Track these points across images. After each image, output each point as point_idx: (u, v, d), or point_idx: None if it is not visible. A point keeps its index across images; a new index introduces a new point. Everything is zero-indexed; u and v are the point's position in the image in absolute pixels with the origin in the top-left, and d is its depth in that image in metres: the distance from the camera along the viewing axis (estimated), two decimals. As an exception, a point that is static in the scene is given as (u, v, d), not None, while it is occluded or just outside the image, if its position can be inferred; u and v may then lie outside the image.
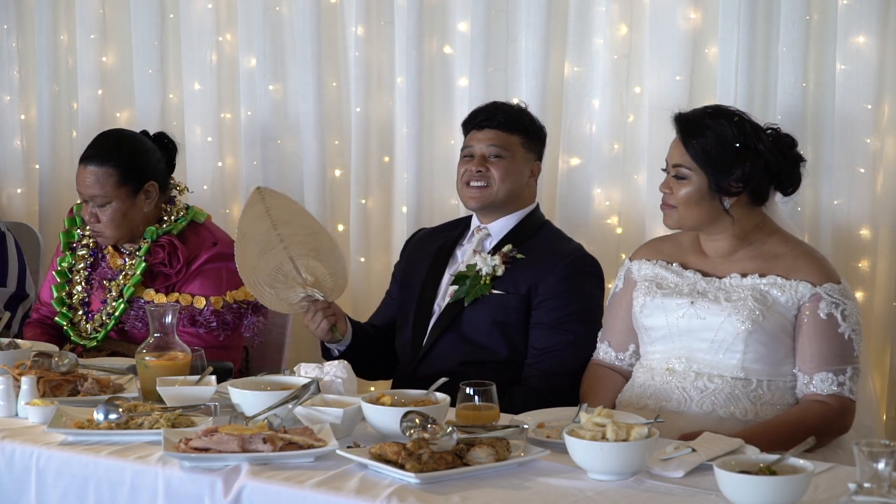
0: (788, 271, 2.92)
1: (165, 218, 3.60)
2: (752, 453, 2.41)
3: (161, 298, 3.51)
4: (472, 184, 3.36)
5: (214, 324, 3.51)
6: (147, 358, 2.89)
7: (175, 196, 3.67)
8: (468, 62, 4.06)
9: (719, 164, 2.91)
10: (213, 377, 2.87)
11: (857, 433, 2.97)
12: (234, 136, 4.59)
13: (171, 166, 3.68)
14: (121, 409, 2.66)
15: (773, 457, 2.22)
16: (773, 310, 2.89)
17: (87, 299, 3.62)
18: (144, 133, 3.69)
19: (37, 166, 4.92)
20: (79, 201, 3.64)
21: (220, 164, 4.61)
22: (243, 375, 3.55)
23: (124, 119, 4.76)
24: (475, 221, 3.45)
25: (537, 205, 3.46)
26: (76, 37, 4.75)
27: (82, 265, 3.65)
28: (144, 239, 3.56)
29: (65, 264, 3.66)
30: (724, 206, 2.94)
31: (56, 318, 3.65)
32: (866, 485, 2.01)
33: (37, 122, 4.88)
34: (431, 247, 3.50)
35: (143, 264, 3.53)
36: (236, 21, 4.52)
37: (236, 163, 4.61)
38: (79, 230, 3.68)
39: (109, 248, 3.61)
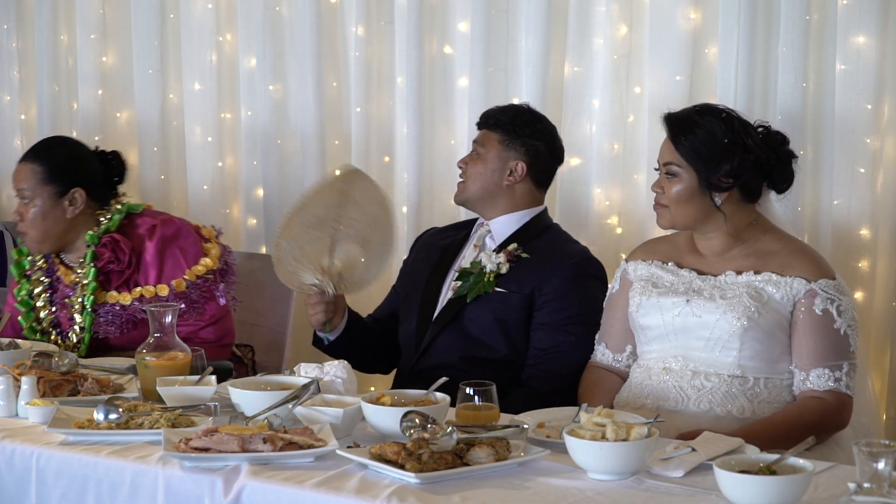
0: (783, 268, 2.92)
1: (103, 220, 3.59)
2: (752, 453, 2.41)
3: (125, 297, 3.51)
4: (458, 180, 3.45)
5: (183, 306, 3.46)
6: (147, 358, 2.89)
7: (112, 201, 3.64)
8: (468, 62, 4.07)
9: (709, 160, 2.92)
10: (213, 377, 2.87)
11: (856, 432, 2.97)
12: (234, 136, 4.59)
13: (113, 183, 3.66)
14: (121, 409, 2.65)
15: (773, 456, 2.22)
16: (768, 307, 2.89)
17: (56, 321, 3.61)
18: (97, 149, 3.70)
19: (37, 166, 4.92)
20: None
21: (220, 164, 4.62)
22: (251, 374, 3.56)
23: (124, 119, 4.77)
24: (480, 218, 3.47)
25: (545, 208, 3.46)
26: (76, 37, 4.75)
27: (40, 289, 3.63)
28: (88, 246, 3.55)
29: (23, 293, 3.65)
30: (715, 203, 2.94)
31: None
32: (866, 485, 2.01)
33: (37, 122, 4.88)
34: (441, 244, 3.52)
35: (93, 269, 3.53)
36: (236, 21, 4.52)
37: (236, 163, 4.61)
38: (29, 258, 3.67)
39: (61, 267, 3.62)
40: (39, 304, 3.62)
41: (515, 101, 3.83)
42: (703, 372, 2.92)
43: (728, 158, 2.91)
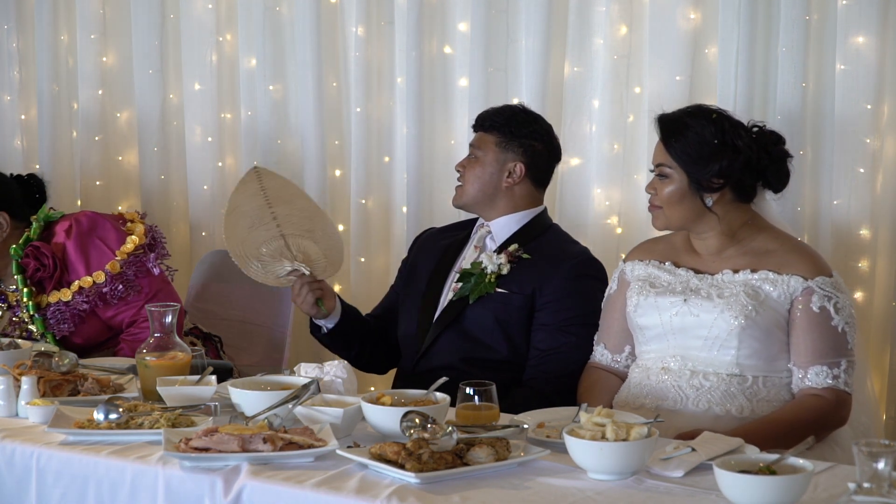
0: (780, 266, 2.93)
1: (25, 234, 3.64)
2: (752, 453, 2.41)
3: (66, 294, 3.57)
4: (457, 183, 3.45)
5: (121, 287, 3.56)
6: (147, 358, 2.89)
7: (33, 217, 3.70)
8: (468, 62, 4.07)
9: (698, 161, 2.93)
10: (214, 377, 2.88)
11: (856, 432, 2.97)
12: (234, 136, 4.59)
13: (35, 201, 3.74)
14: (121, 409, 2.66)
15: (773, 456, 2.22)
16: (765, 305, 2.89)
17: (22, 337, 3.64)
18: (12, 175, 3.76)
19: (37, 166, 4.92)
20: None
21: (220, 164, 4.61)
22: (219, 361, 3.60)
23: (124, 119, 4.77)
24: (480, 219, 3.47)
25: (545, 208, 3.47)
26: (76, 37, 4.75)
27: (2, 315, 3.68)
28: (13, 259, 3.61)
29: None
30: (706, 204, 2.95)
31: None
32: (866, 484, 2.02)
33: (37, 122, 4.88)
34: (440, 244, 3.52)
35: (21, 277, 3.59)
36: (236, 21, 4.52)
37: (236, 163, 4.61)
38: None
39: (7, 294, 3.67)
40: (7, 328, 3.69)
41: (515, 102, 3.84)
42: (701, 371, 2.92)
43: (717, 159, 2.92)
